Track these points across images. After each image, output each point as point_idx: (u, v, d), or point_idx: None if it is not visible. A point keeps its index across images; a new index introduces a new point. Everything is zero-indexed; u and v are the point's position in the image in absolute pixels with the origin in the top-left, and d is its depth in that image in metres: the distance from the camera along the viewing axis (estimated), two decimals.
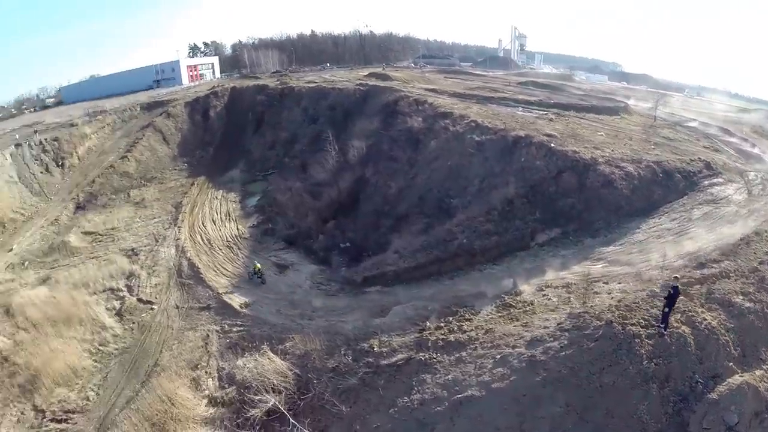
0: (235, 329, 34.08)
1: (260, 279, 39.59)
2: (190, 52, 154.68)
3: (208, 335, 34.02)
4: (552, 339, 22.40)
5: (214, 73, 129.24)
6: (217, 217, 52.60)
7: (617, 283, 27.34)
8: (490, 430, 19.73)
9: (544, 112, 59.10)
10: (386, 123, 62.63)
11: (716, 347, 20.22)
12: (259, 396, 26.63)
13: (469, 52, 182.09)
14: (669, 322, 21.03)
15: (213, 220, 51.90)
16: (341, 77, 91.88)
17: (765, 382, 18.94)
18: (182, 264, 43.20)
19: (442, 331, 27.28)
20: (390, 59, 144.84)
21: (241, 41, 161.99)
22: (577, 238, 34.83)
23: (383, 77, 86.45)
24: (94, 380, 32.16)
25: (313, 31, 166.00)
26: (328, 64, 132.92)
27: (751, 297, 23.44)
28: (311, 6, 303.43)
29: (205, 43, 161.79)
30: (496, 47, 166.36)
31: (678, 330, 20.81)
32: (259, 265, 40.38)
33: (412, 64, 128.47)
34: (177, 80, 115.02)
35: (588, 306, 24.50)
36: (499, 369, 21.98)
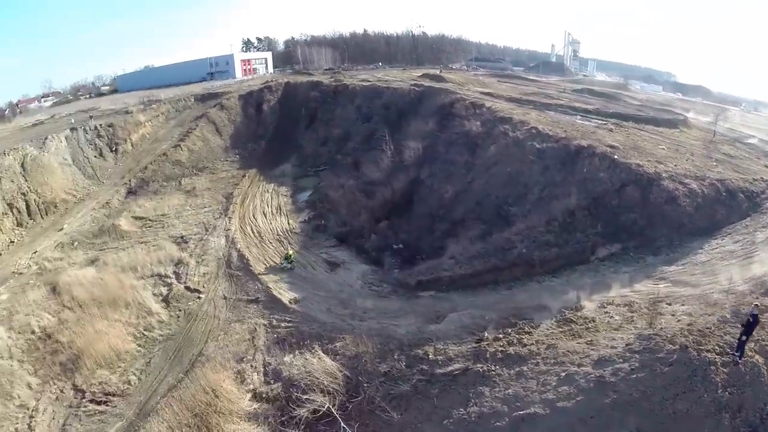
0: (283, 325, 33.53)
1: (290, 265, 40.47)
2: (243, 46, 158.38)
3: (255, 329, 33.55)
4: (621, 360, 21.57)
5: (266, 67, 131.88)
6: (268, 210, 52.61)
7: (681, 305, 26.18)
8: None
9: (603, 121, 57.33)
10: (442, 125, 61.85)
11: None
12: (307, 395, 25.89)
13: (520, 56, 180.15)
14: (744, 351, 20.13)
15: (264, 212, 51.91)
16: (394, 77, 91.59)
17: None
18: (232, 255, 43.12)
19: (501, 343, 26.40)
20: (442, 61, 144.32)
21: (293, 38, 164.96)
22: (638, 255, 33.65)
23: (437, 78, 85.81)
24: (137, 365, 32.15)
25: (365, 30, 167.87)
26: (380, 64, 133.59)
27: None
28: (364, 5, 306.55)
29: (259, 39, 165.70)
30: (547, 52, 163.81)
31: (752, 359, 19.87)
32: (292, 252, 41.89)
33: (465, 67, 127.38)
34: (230, 73, 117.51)
35: (657, 328, 23.49)
36: (564, 387, 21.22)
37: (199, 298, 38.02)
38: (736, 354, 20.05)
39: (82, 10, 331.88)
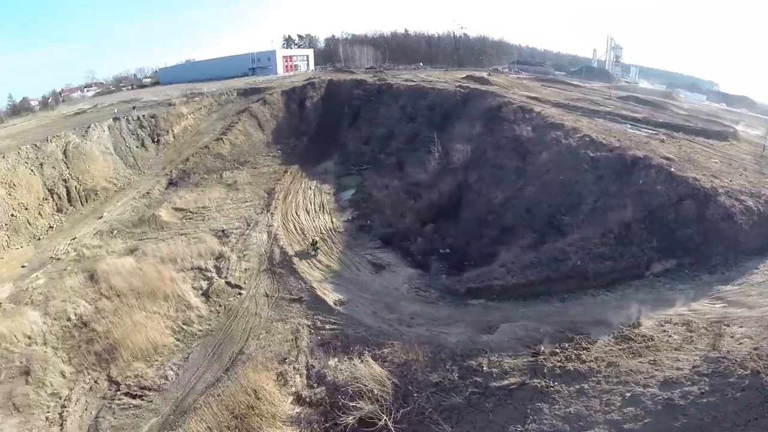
0: (327, 327, 32.46)
1: (314, 252, 41.65)
2: (284, 43, 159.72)
3: (298, 329, 32.54)
4: (690, 383, 20.72)
5: (308, 65, 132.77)
6: (311, 207, 51.95)
7: (739, 327, 24.94)
8: None
9: (653, 131, 54.88)
10: (489, 128, 60.29)
11: None
12: (354, 402, 24.74)
13: (560, 60, 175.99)
14: None
15: (307, 210, 51.27)
16: (438, 78, 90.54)
17: None
18: (274, 251, 42.43)
19: (559, 358, 25.18)
20: (484, 63, 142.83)
21: (334, 36, 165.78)
22: (693, 273, 32.09)
23: (482, 81, 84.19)
24: (174, 359, 31.41)
25: (406, 30, 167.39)
26: (421, 64, 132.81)
27: None
28: (405, 4, 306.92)
29: (300, 36, 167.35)
30: (588, 57, 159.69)
31: None
32: (318, 239, 43.54)
33: (507, 69, 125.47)
34: (272, 69, 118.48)
35: (723, 351, 22.54)
36: (630, 408, 20.27)
37: (240, 294, 37.28)
38: None
39: (124, 4, 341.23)
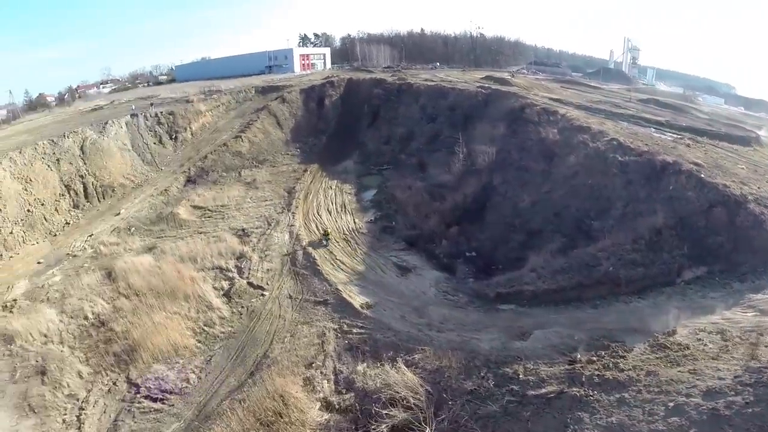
0: (354, 331, 31.58)
1: (326, 242, 42.79)
2: (300, 41, 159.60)
3: (324, 332, 31.67)
4: (733, 393, 20.40)
5: (324, 63, 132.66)
6: (333, 207, 51.21)
7: None
8: None
9: (678, 135, 53.82)
10: (512, 130, 59.46)
11: None
12: (387, 410, 23.91)
13: (576, 61, 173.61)
14: None
15: (328, 210, 50.55)
16: (457, 78, 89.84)
17: None
18: (297, 252, 41.68)
19: (596, 366, 24.66)
20: (500, 63, 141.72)
21: (350, 35, 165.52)
22: (724, 280, 31.73)
23: (502, 81, 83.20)
24: (196, 362, 30.60)
25: (422, 29, 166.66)
26: (438, 64, 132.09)
27: None
28: (420, 4, 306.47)
29: (316, 34, 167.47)
30: (603, 58, 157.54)
31: None
32: (330, 230, 44.75)
33: (524, 70, 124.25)
34: (289, 68, 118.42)
35: (764, 361, 22.22)
36: (675, 419, 19.93)
37: (262, 295, 36.51)
38: None
39: (137, 4, 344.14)
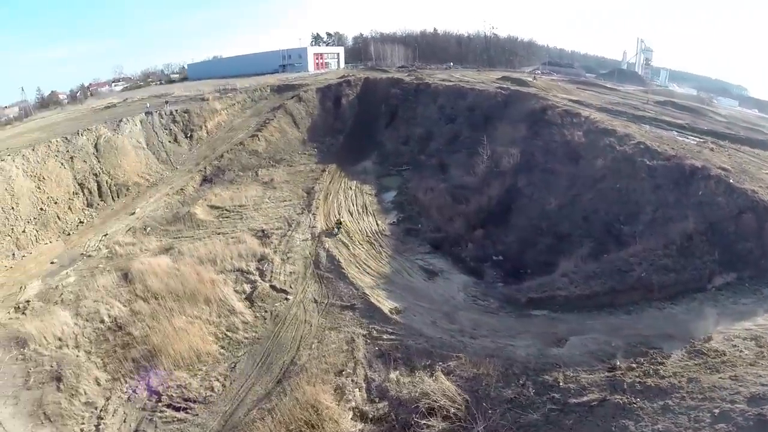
0: (385, 337, 30.57)
1: (337, 231, 43.86)
2: (312, 41, 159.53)
3: (353, 339, 30.64)
4: None
5: (338, 62, 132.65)
6: (354, 209, 50.29)
7: None
8: None
9: (701, 139, 52.95)
10: (534, 131, 58.51)
11: None
12: (426, 420, 23.27)
13: (588, 61, 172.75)
14: None
15: (349, 211, 49.62)
16: (473, 78, 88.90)
17: None
18: (320, 254, 40.68)
19: (636, 373, 24.45)
20: (515, 64, 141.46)
21: (362, 34, 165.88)
22: (753, 286, 31.54)
23: (519, 82, 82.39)
24: (219, 369, 29.49)
25: (435, 29, 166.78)
26: (452, 64, 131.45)
27: None
28: (432, 3, 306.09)
29: (329, 34, 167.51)
30: (615, 58, 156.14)
31: None
32: (342, 220, 45.98)
33: (538, 71, 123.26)
34: (303, 66, 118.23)
35: None
36: (722, 425, 19.99)
37: (286, 299, 35.44)
38: None
39: (151, 3, 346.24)
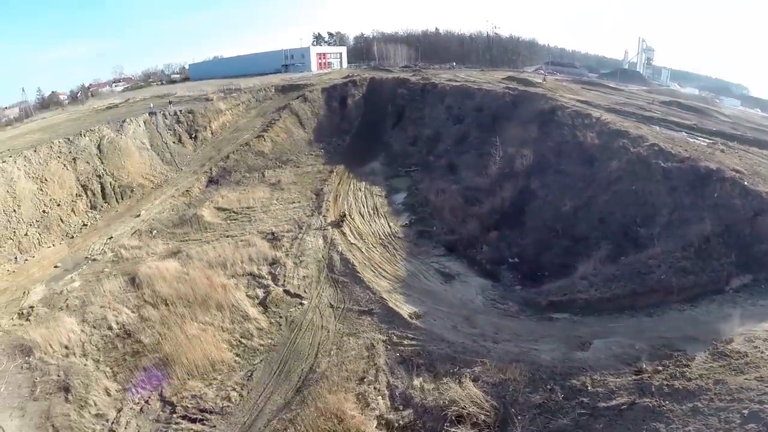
0: (405, 342, 29.82)
1: (341, 223, 44.85)
2: (314, 40, 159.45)
3: (372, 345, 29.86)
4: None
5: (341, 62, 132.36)
6: (365, 210, 49.65)
7: None
8: None
9: (711, 140, 52.65)
10: (544, 132, 58.03)
11: None
12: (456, 428, 22.91)
13: (589, 61, 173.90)
14: None
15: (361, 213, 48.98)
16: (478, 78, 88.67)
17: None
18: (333, 258, 39.90)
19: (663, 376, 24.35)
20: (517, 64, 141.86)
21: (363, 34, 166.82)
22: None
23: (525, 82, 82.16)
24: (235, 378, 28.59)
25: (437, 28, 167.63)
26: (455, 63, 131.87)
27: None
28: (434, 3, 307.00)
29: (330, 33, 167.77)
30: (615, 58, 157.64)
31: None
32: (346, 212, 46.37)
33: (541, 71, 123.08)
34: (306, 66, 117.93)
35: None
36: (752, 425, 19.94)
37: (301, 304, 34.60)
38: None
39: (151, 3, 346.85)
